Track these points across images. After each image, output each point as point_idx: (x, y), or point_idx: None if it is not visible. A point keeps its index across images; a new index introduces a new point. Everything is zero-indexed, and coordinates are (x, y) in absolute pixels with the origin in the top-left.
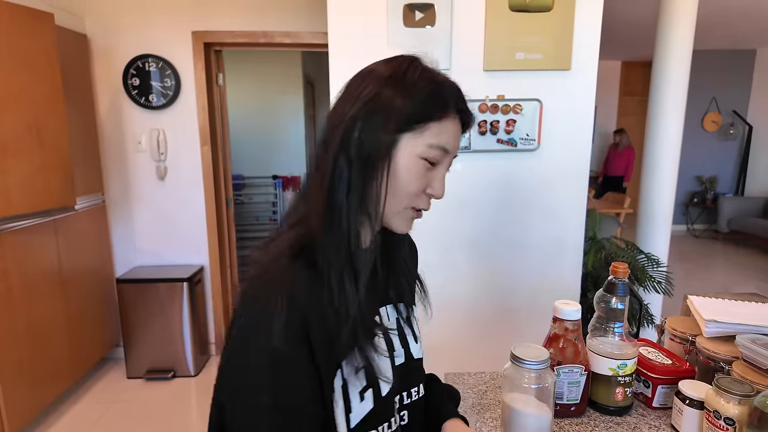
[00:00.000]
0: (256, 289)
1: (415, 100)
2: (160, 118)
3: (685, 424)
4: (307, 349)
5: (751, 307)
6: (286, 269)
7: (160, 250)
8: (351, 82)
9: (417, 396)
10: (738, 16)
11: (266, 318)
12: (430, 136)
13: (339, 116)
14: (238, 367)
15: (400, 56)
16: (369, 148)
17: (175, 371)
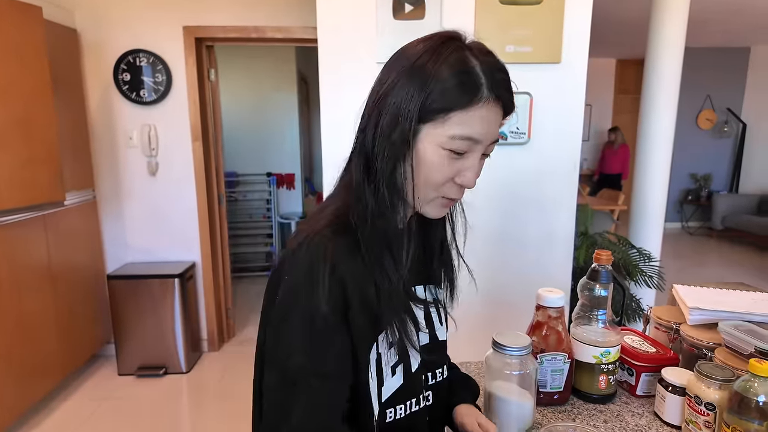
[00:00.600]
0: (300, 255)
1: (434, 89)
2: (152, 114)
3: (668, 411)
4: (345, 319)
5: (735, 295)
6: (329, 239)
7: (151, 247)
8: (387, 63)
9: (441, 377)
10: (731, 14)
11: (309, 285)
12: (452, 126)
13: (371, 100)
14: (281, 329)
15: (436, 35)
16: (391, 138)
17: (167, 368)
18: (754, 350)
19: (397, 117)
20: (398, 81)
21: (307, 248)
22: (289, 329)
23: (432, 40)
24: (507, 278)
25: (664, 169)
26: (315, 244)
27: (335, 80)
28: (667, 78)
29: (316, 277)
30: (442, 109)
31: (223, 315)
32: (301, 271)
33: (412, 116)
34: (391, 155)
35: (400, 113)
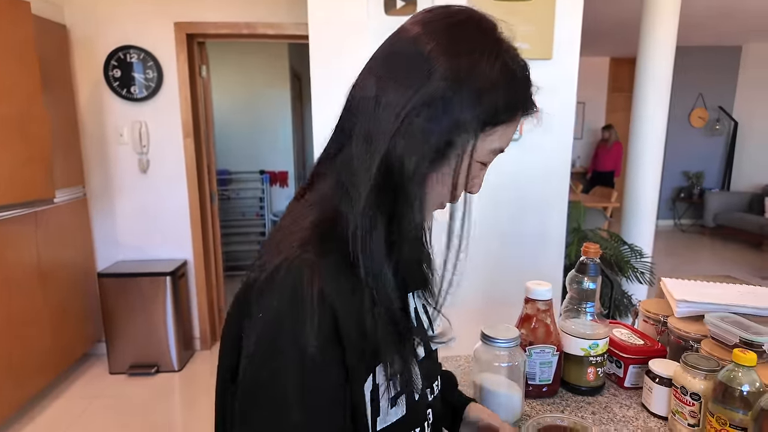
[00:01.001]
0: (280, 280)
1: (489, 105)
2: (142, 111)
3: (655, 402)
4: (339, 351)
5: (722, 287)
6: (313, 260)
7: (142, 245)
8: (409, 52)
9: (437, 391)
10: (722, 14)
11: (296, 318)
12: (495, 140)
13: (393, 101)
14: (263, 373)
15: (470, 26)
16: (426, 150)
17: (159, 366)
18: (738, 341)
19: (439, 128)
20: (445, 88)
21: (287, 271)
22: (275, 376)
23: (471, 41)
24: (498, 274)
25: (655, 167)
26: (296, 267)
27: (327, 77)
28: (658, 77)
29: (302, 307)
30: (491, 122)
31: (215, 313)
32: (285, 300)
33: (473, 128)
34: (429, 168)
35: (444, 125)
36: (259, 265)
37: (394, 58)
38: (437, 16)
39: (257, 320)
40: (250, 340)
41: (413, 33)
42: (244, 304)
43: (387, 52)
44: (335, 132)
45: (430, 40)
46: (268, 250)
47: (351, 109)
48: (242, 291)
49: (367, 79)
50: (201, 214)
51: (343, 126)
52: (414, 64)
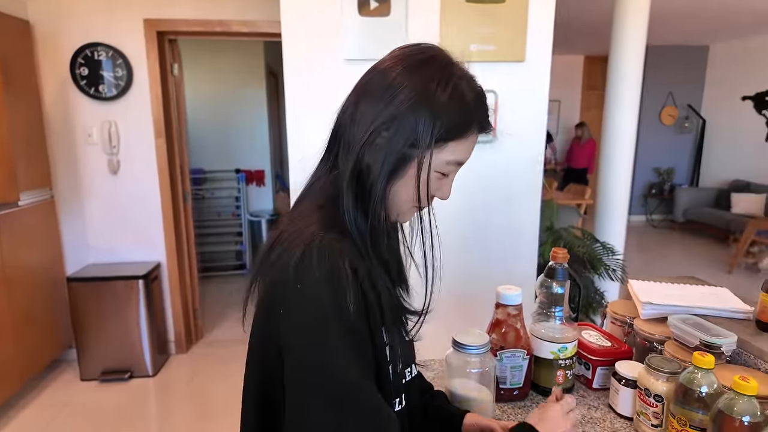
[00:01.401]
0: (314, 259)
1: (441, 122)
2: (112, 110)
3: (621, 403)
4: (365, 314)
5: (685, 289)
6: (337, 239)
7: (114, 247)
8: (380, 81)
9: (411, 376)
10: (688, 14)
11: (336, 289)
12: (448, 153)
13: (364, 119)
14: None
15: (431, 61)
16: (388, 158)
17: (132, 372)
18: (699, 343)
19: (400, 140)
20: (407, 107)
21: (320, 249)
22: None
23: (432, 68)
24: (473, 274)
25: (627, 164)
26: (327, 245)
27: (300, 76)
28: (629, 75)
29: (340, 276)
30: (442, 138)
31: (190, 316)
32: (324, 272)
33: (425, 143)
34: (390, 175)
35: (404, 137)
36: (273, 262)
37: (369, 85)
38: (407, 51)
39: (297, 293)
40: (293, 314)
41: (385, 65)
42: (273, 300)
43: (365, 80)
44: (325, 152)
45: (397, 69)
46: (281, 247)
47: (336, 133)
48: (268, 292)
49: (348, 104)
50: (174, 215)
51: (331, 147)
52: (382, 88)
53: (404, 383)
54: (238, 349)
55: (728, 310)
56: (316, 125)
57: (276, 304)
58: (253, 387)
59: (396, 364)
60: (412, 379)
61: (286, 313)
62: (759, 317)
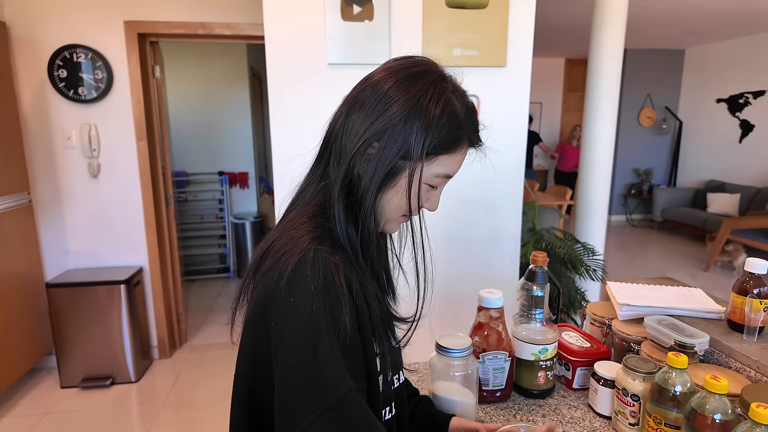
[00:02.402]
0: (308, 271)
1: (432, 136)
2: (92, 113)
3: (600, 403)
4: (357, 325)
5: (661, 290)
6: (329, 252)
7: (95, 252)
8: (373, 92)
9: (399, 383)
10: (664, 20)
11: (330, 301)
12: (438, 166)
13: (356, 129)
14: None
15: (424, 74)
16: (379, 169)
17: (114, 378)
18: (674, 343)
19: (392, 152)
20: (398, 120)
21: (314, 261)
22: (317, 350)
23: (424, 82)
24: (455, 276)
25: (606, 166)
26: (320, 257)
27: (284, 79)
28: (608, 77)
29: (334, 289)
30: (433, 151)
31: (174, 320)
32: (319, 284)
33: (416, 155)
34: (381, 185)
35: (396, 149)
36: (264, 273)
37: (361, 96)
38: (400, 64)
39: (290, 305)
40: (285, 326)
41: (378, 77)
42: (264, 312)
43: (357, 91)
44: (315, 161)
45: (390, 82)
46: (273, 258)
47: (327, 142)
48: (259, 303)
49: (339, 114)
50: (156, 218)
51: (321, 156)
52: (375, 100)
53: (393, 390)
54: (223, 353)
55: (701, 311)
56: (300, 128)
57: (267, 316)
58: (243, 397)
59: (386, 373)
60: (400, 385)
61: (277, 326)
62: (730, 317)
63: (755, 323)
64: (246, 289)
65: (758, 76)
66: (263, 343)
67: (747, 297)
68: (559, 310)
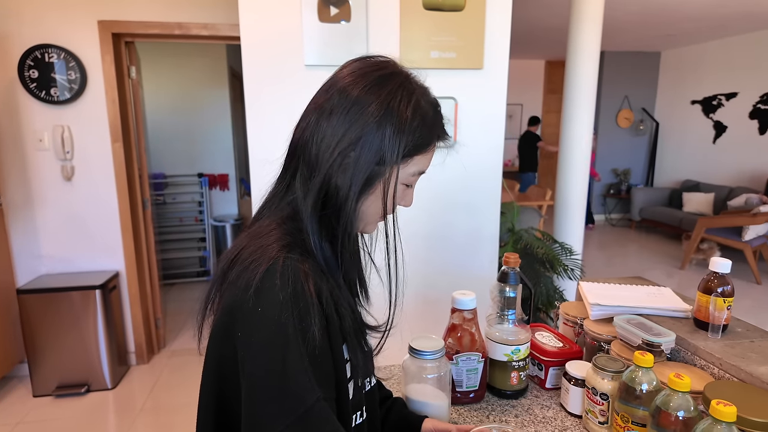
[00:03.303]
0: (276, 280)
1: (407, 138)
2: (65, 114)
3: (571, 402)
4: (326, 334)
5: (631, 290)
6: (299, 260)
7: (69, 257)
8: (342, 100)
9: (370, 386)
10: (639, 23)
11: (299, 307)
12: (413, 166)
13: (328, 139)
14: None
15: (392, 77)
16: (357, 178)
17: (90, 385)
18: (641, 342)
19: (369, 158)
20: (372, 126)
21: (283, 269)
22: (287, 360)
23: (391, 86)
24: (435, 277)
25: (584, 166)
26: (290, 265)
27: (260, 81)
28: (585, 79)
29: (303, 299)
30: (408, 153)
31: (151, 325)
32: (288, 294)
33: (393, 160)
34: (360, 193)
35: (372, 155)
36: (232, 281)
37: (329, 104)
38: (366, 67)
39: (258, 315)
40: (253, 337)
41: (345, 82)
42: (231, 322)
43: (323, 98)
44: (282, 170)
45: (358, 87)
46: (241, 266)
47: (294, 152)
48: (226, 312)
49: (307, 123)
50: (133, 221)
51: (288, 166)
52: (345, 107)
53: (364, 394)
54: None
55: (669, 310)
56: (278, 130)
57: (234, 326)
58: (210, 408)
59: (357, 378)
60: (371, 389)
61: (245, 336)
62: (696, 315)
63: (719, 321)
64: (212, 298)
65: (730, 78)
66: (230, 352)
67: (711, 296)
68: (531, 310)
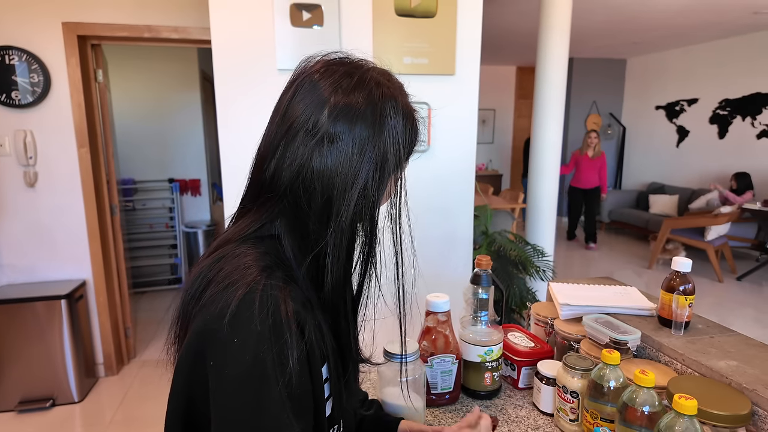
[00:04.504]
0: (255, 307)
1: (404, 145)
2: (28, 118)
3: (543, 401)
4: (307, 364)
5: (599, 290)
6: (280, 287)
7: (31, 266)
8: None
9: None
10: (606, 30)
11: (278, 338)
12: (401, 173)
13: (343, 175)
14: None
15: (371, 84)
16: (377, 203)
17: (55, 399)
18: (609, 340)
19: (383, 178)
20: (382, 147)
21: (262, 297)
22: (264, 395)
23: (379, 97)
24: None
25: (554, 170)
26: (268, 292)
27: (232, 85)
28: (555, 84)
29: (282, 329)
30: (405, 159)
31: (121, 335)
32: (266, 324)
33: (393, 170)
34: (377, 202)
35: (386, 174)
36: (205, 304)
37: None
38: (342, 80)
39: (233, 347)
40: (227, 370)
41: (324, 93)
42: (201, 349)
43: (302, 115)
44: (251, 185)
45: (339, 99)
46: (215, 287)
47: (264, 166)
48: (197, 337)
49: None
50: (101, 228)
51: (267, 195)
52: (345, 132)
53: (342, 401)
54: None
55: (635, 308)
56: (250, 134)
57: (205, 353)
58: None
59: (338, 395)
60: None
61: (217, 367)
62: (660, 313)
63: (681, 318)
64: (182, 321)
65: (692, 84)
66: (200, 378)
67: (674, 294)
68: (503, 311)
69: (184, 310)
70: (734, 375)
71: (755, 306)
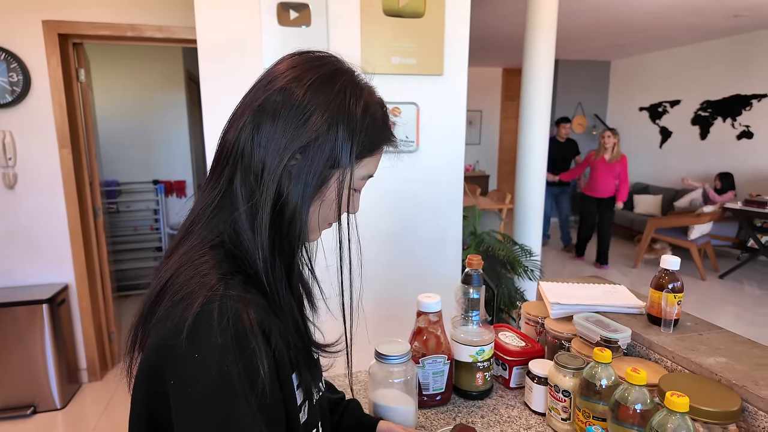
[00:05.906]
0: (215, 319)
1: (358, 139)
2: (7, 118)
3: (535, 400)
4: (275, 372)
5: (589, 288)
6: (240, 297)
7: (12, 270)
8: (286, 100)
9: (320, 394)
10: (591, 33)
11: (242, 350)
12: (363, 169)
13: (274, 144)
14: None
15: (337, 74)
16: (309, 183)
17: (36, 406)
18: (600, 339)
19: (318, 163)
20: (323, 129)
21: (221, 308)
22: (231, 410)
23: (340, 85)
24: (399, 280)
25: (541, 170)
26: (228, 303)
27: (218, 84)
28: (541, 86)
29: (247, 340)
30: (360, 155)
31: (105, 340)
32: (228, 336)
33: (346, 162)
34: (310, 198)
35: (322, 160)
36: (161, 318)
37: (270, 105)
38: (307, 65)
39: (194, 362)
40: (190, 386)
41: (286, 79)
42: (158, 365)
43: (264, 99)
44: (211, 179)
45: (304, 86)
46: (170, 299)
47: (228, 156)
48: (154, 353)
49: (243, 125)
50: (83, 231)
51: (221, 173)
52: (291, 108)
53: (315, 404)
54: None
55: (624, 307)
56: None
57: (165, 370)
58: None
59: (311, 399)
60: (321, 396)
61: (179, 386)
62: (649, 311)
63: (671, 316)
64: (137, 339)
65: (674, 86)
66: (160, 396)
67: (663, 292)
68: (495, 311)
69: (138, 326)
70: (724, 372)
71: (737, 303)
